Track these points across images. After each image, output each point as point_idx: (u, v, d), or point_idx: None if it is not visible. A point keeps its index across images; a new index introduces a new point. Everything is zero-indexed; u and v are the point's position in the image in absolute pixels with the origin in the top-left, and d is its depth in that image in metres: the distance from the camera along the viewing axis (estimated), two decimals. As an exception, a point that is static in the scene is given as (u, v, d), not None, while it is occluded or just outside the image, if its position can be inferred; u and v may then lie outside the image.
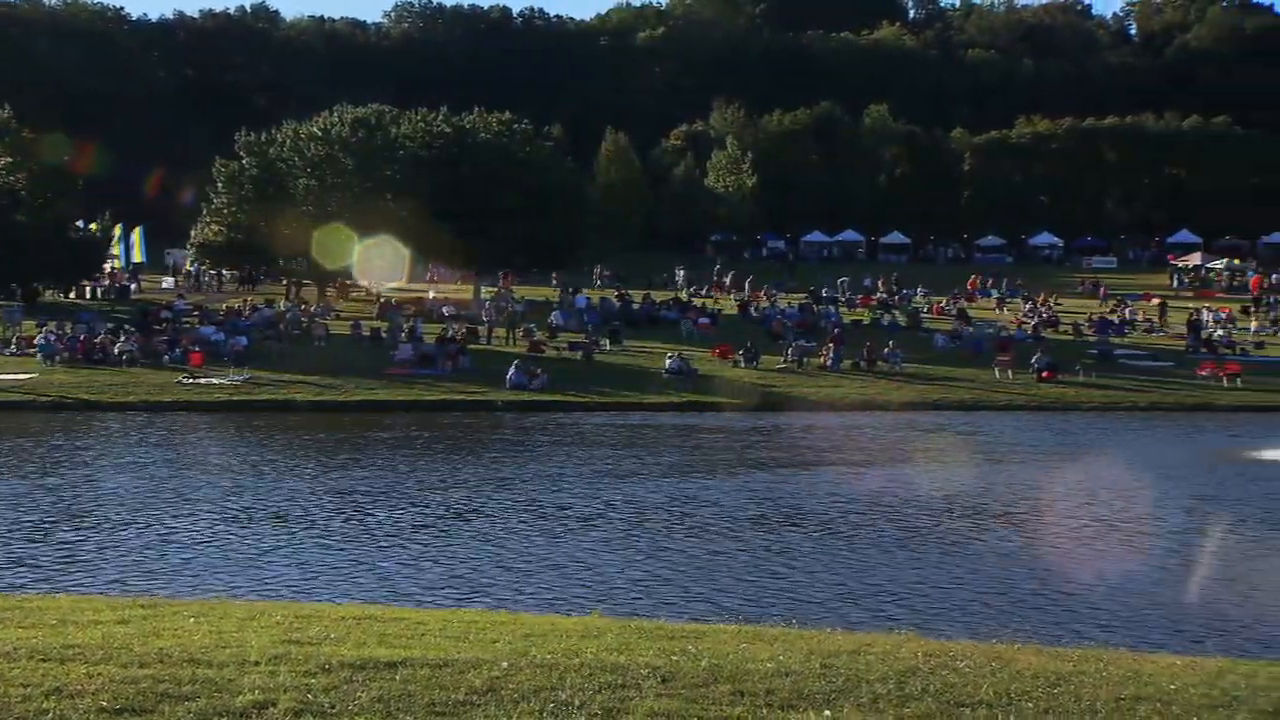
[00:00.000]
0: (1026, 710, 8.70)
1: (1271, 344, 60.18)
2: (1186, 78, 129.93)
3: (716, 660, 9.94)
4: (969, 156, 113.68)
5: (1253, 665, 11.28)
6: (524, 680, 9.07)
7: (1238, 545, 23.06)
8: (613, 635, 11.41)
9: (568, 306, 63.15)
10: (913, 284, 79.14)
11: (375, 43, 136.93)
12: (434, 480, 29.04)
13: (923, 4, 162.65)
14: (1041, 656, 11.07)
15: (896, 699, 8.90)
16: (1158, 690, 9.34)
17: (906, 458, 34.54)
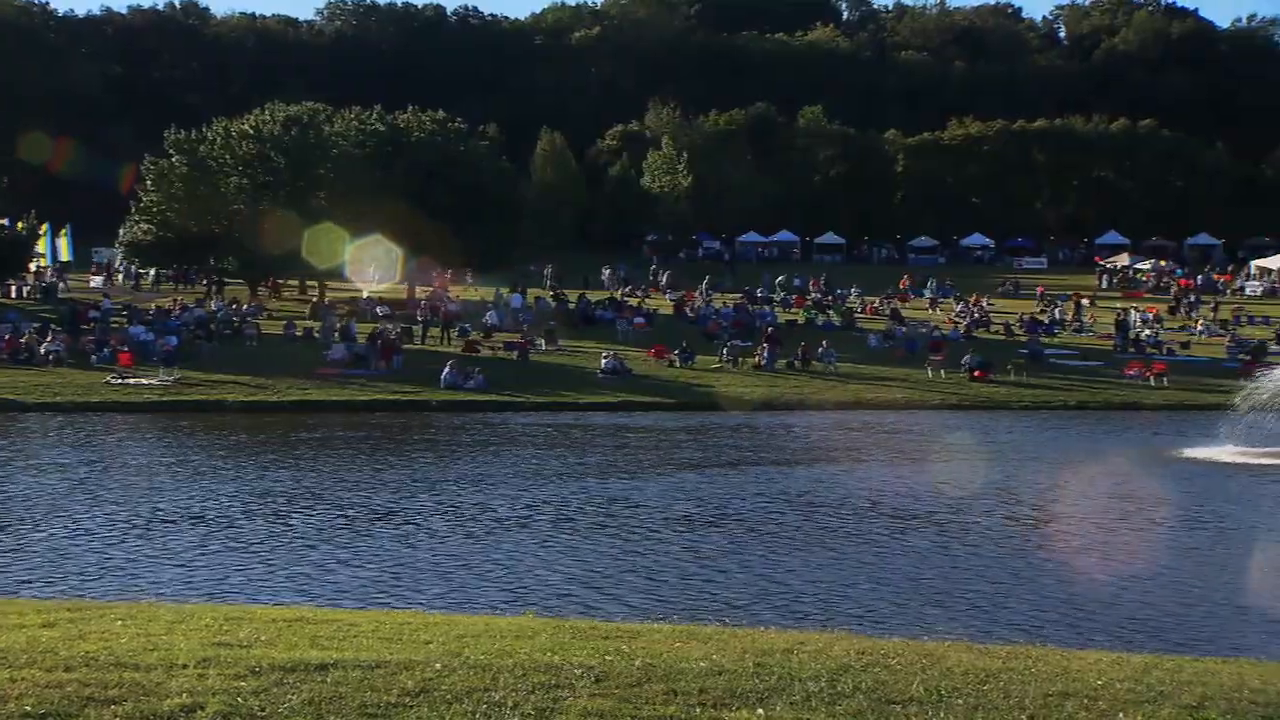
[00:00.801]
0: (957, 707, 8.76)
1: (1198, 344, 61.09)
2: (1114, 81, 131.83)
3: (650, 660, 9.93)
4: (902, 157, 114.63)
5: (1178, 661, 11.44)
6: (457, 681, 9.02)
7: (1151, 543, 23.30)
8: (546, 635, 11.37)
9: (503, 306, 62.97)
10: (846, 284, 79.64)
11: (308, 40, 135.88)
12: (359, 481, 28.72)
13: (856, 6, 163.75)
14: (972, 654, 11.16)
15: (829, 697, 8.93)
16: (1085, 686, 9.44)
17: (836, 457, 34.68)
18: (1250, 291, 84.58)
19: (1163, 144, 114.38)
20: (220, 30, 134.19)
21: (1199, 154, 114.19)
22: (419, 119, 71.02)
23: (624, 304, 66.67)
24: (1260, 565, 21.52)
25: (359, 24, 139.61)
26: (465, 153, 70.24)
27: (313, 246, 60.33)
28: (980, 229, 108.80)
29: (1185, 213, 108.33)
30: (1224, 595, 19.14)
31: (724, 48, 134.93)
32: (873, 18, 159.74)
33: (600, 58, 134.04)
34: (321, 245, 60.52)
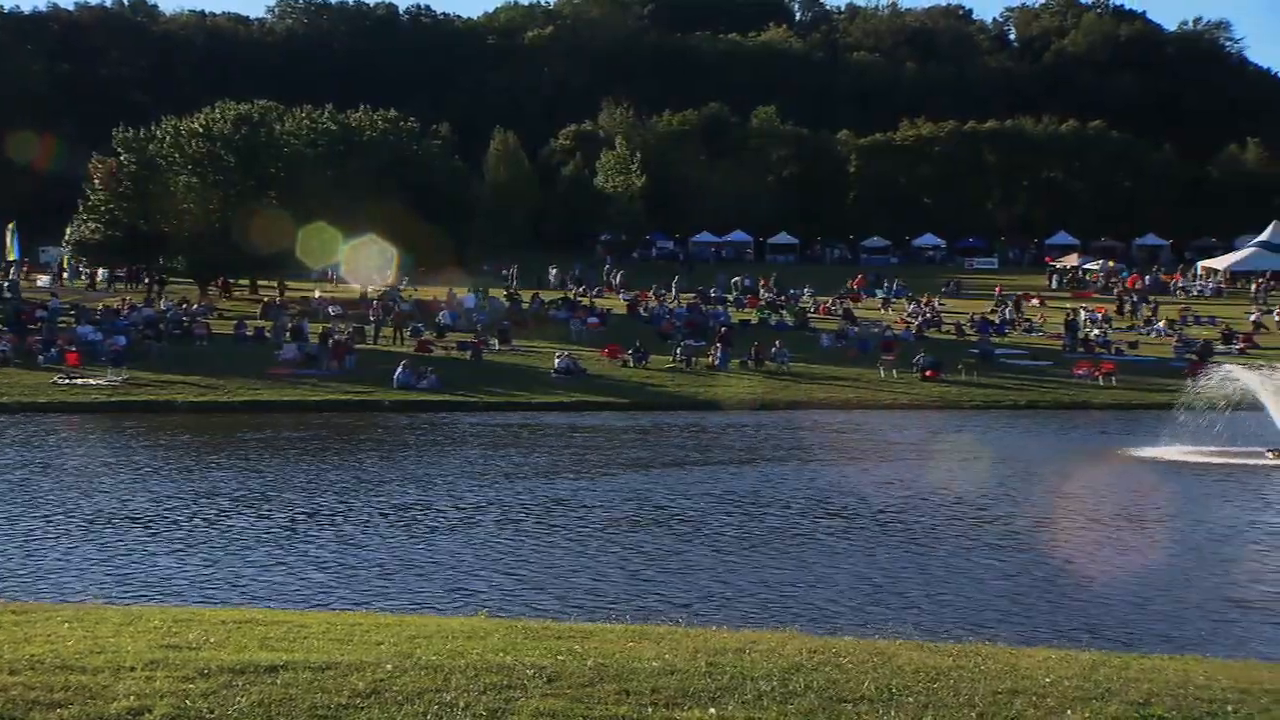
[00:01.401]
0: (907, 705, 8.82)
1: (1145, 344, 61.71)
2: (1064, 82, 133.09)
3: (602, 660, 9.94)
4: (854, 158, 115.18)
5: (1125, 658, 11.55)
6: (408, 682, 9.00)
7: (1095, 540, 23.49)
8: (499, 636, 11.36)
9: (456, 306, 62.78)
10: (798, 284, 80.00)
11: (258, 38, 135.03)
12: (305, 481, 28.43)
13: (808, 7, 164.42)
14: (922, 652, 11.24)
15: (780, 696, 8.97)
16: (1034, 684, 9.52)
17: (784, 456, 34.73)
18: (1196, 292, 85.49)
19: (1111, 145, 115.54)
20: (169, 27, 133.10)
21: (1147, 155, 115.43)
22: (371, 118, 70.73)
23: (578, 304, 66.64)
24: (1204, 562, 21.76)
25: (310, 22, 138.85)
26: (418, 152, 70.04)
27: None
28: (932, 229, 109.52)
29: (1133, 213, 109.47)
30: (1169, 592, 19.31)
31: (677, 48, 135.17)
32: (825, 19, 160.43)
33: (553, 57, 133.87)
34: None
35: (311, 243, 61.62)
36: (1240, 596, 18.86)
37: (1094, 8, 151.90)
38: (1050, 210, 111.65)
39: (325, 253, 63.40)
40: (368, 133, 68.94)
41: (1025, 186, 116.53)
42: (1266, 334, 64.93)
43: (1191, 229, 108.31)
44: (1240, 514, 26.70)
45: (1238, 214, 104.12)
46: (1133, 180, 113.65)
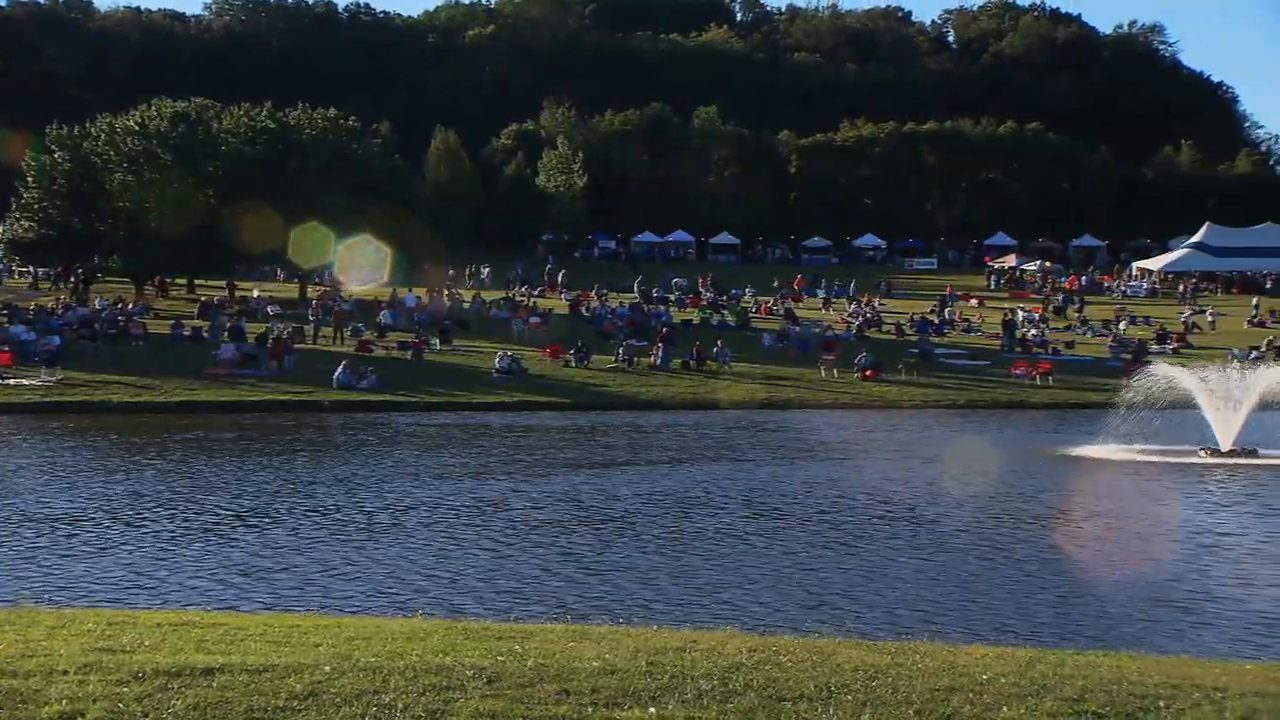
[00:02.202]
0: (846, 703, 8.86)
1: (1082, 343, 62.42)
2: (1002, 84, 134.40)
3: (543, 660, 9.91)
4: (795, 158, 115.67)
5: (1060, 654, 11.66)
6: (347, 684, 8.94)
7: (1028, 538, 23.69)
8: (439, 637, 11.31)
9: (397, 306, 62.46)
10: (740, 284, 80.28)
11: (195, 35, 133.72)
12: (235, 482, 28.07)
13: (749, 8, 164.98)
14: (861, 650, 11.29)
15: (720, 695, 8.98)
16: (971, 681, 9.59)
17: (720, 456, 34.74)
18: (1131, 292, 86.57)
19: (1049, 147, 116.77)
20: (104, 24, 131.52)
21: (1083, 157, 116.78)
22: (311, 117, 70.18)
23: (519, 304, 66.51)
24: (1136, 559, 22.00)
25: (248, 20, 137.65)
26: (358, 151, 69.53)
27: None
28: (873, 230, 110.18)
29: (1070, 214, 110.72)
30: (1102, 589, 19.51)
31: (619, 48, 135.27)
32: (766, 19, 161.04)
33: (494, 56, 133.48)
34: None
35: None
36: (1166, 595, 19.09)
37: (1031, 10, 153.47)
38: (989, 211, 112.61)
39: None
40: (307, 131, 68.40)
41: (964, 187, 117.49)
42: (1200, 334, 65.88)
43: (1127, 230, 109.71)
44: (1172, 512, 27.04)
45: (1172, 215, 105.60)
46: (1070, 182, 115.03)
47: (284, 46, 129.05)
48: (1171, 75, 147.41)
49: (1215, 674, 10.55)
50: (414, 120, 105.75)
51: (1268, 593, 19.07)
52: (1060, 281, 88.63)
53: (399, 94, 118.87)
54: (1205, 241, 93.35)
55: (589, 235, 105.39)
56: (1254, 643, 16.01)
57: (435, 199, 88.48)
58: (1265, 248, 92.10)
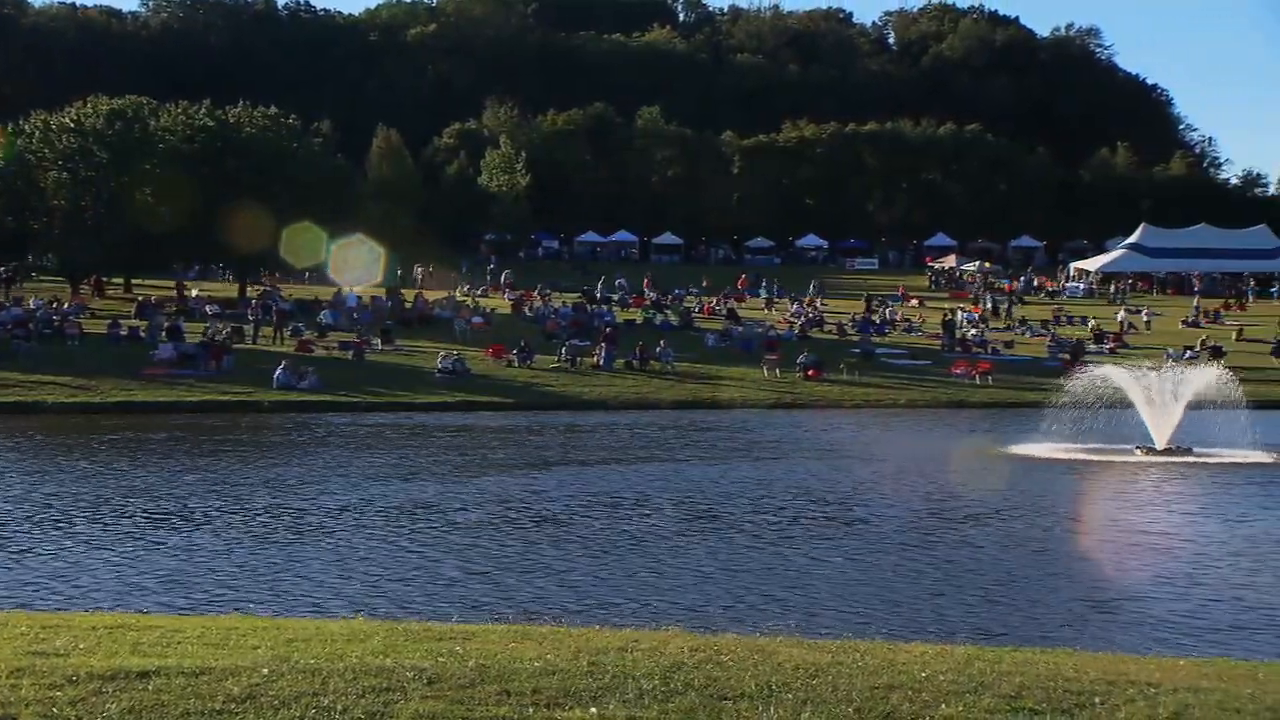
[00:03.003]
0: (786, 701, 8.88)
1: (1020, 343, 62.98)
2: (942, 86, 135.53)
3: (484, 661, 9.88)
4: (738, 159, 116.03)
5: (998, 652, 11.76)
6: (285, 686, 8.86)
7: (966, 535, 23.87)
8: (379, 638, 11.24)
9: (338, 306, 62.04)
10: (683, 284, 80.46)
11: (132, 32, 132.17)
12: (166, 483, 27.70)
13: (692, 8, 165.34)
14: (802, 649, 11.33)
15: (662, 694, 8.98)
16: (910, 678, 9.65)
17: (657, 456, 34.61)
18: (1070, 293, 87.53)
19: (987, 148, 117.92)
20: (39, 20, 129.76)
21: (1021, 158, 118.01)
22: (250, 115, 69.54)
23: (462, 303, 66.26)
24: (1072, 556, 22.26)
25: (186, 16, 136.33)
26: (299, 150, 68.98)
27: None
28: (814, 230, 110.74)
29: (1009, 215, 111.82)
30: (1040, 586, 19.70)
31: (562, 47, 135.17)
32: (708, 20, 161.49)
33: (437, 55, 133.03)
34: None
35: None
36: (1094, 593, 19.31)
37: (970, 13, 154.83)
38: (929, 212, 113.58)
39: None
40: (246, 130, 67.77)
41: (905, 188, 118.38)
42: (1136, 334, 66.69)
43: (1064, 231, 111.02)
44: (1104, 510, 27.38)
45: (1108, 217, 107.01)
46: (1008, 183, 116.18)
47: (223, 44, 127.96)
48: (1108, 78, 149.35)
49: (1149, 670, 10.69)
50: (355, 119, 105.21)
51: (1194, 591, 19.36)
52: (1000, 282, 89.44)
53: (340, 92, 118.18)
54: (1141, 243, 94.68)
55: (532, 235, 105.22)
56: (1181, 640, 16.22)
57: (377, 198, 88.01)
58: (1199, 249, 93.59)
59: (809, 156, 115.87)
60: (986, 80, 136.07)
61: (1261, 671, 11.21)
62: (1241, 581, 19.92)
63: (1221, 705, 9.17)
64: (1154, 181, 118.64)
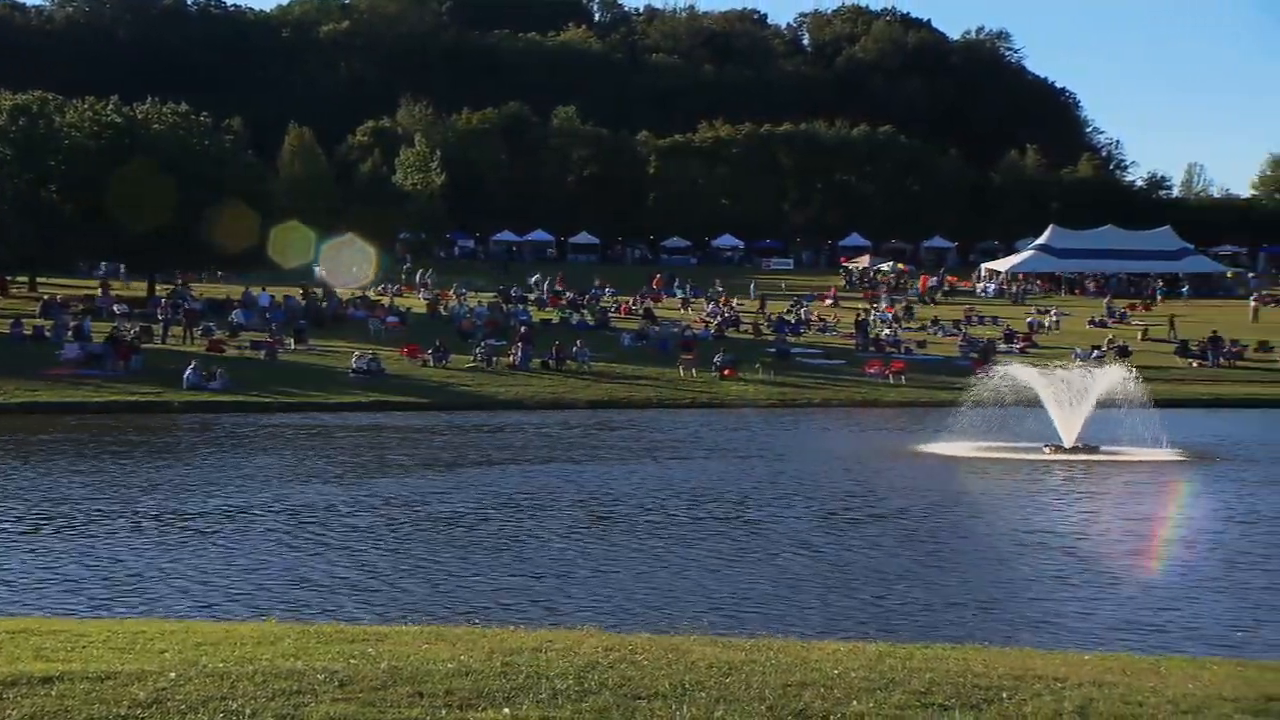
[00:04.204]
0: (700, 700, 8.91)
1: (933, 342, 63.70)
2: (855, 87, 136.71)
3: (396, 662, 9.81)
4: (654, 159, 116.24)
5: (910, 649, 11.87)
6: (193, 690, 8.74)
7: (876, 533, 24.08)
8: (290, 641, 11.11)
9: (250, 305, 61.29)
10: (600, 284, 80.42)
11: (36, 27, 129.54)
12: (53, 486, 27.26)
13: (607, 8, 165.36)
14: (716, 647, 11.37)
15: (575, 694, 8.98)
16: (823, 676, 9.72)
17: (572, 456, 34.57)
18: (980, 293, 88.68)
19: (901, 150, 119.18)
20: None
21: (934, 160, 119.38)
22: (159, 111, 68.46)
23: (376, 303, 65.77)
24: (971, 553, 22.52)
25: (92, 11, 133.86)
26: (209, 147, 68.02)
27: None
28: (730, 230, 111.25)
29: (921, 216, 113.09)
30: (946, 583, 19.89)
31: (476, 46, 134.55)
32: (624, 20, 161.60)
33: (350, 52, 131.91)
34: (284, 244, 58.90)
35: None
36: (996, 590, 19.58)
37: (883, 15, 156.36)
38: (843, 212, 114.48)
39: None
40: (155, 126, 66.70)
41: (819, 189, 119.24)
42: (1045, 333, 67.72)
43: (976, 232, 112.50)
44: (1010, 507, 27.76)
45: (1018, 218, 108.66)
46: (921, 184, 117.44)
47: (131, 39, 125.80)
48: (1017, 81, 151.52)
49: (1056, 665, 10.85)
50: (267, 116, 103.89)
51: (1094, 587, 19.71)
52: (912, 282, 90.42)
53: (252, 89, 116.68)
54: (1050, 244, 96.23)
55: (447, 234, 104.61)
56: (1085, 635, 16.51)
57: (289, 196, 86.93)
58: (1106, 250, 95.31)
59: (724, 157, 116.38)
60: (899, 82, 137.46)
61: (1163, 665, 11.44)
62: (1143, 577, 20.31)
63: (1125, 699, 9.34)
64: (1062, 183, 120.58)
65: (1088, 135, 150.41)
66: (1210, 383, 54.94)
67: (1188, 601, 18.75)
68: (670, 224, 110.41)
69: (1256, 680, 10.47)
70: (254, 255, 66.18)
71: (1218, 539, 23.62)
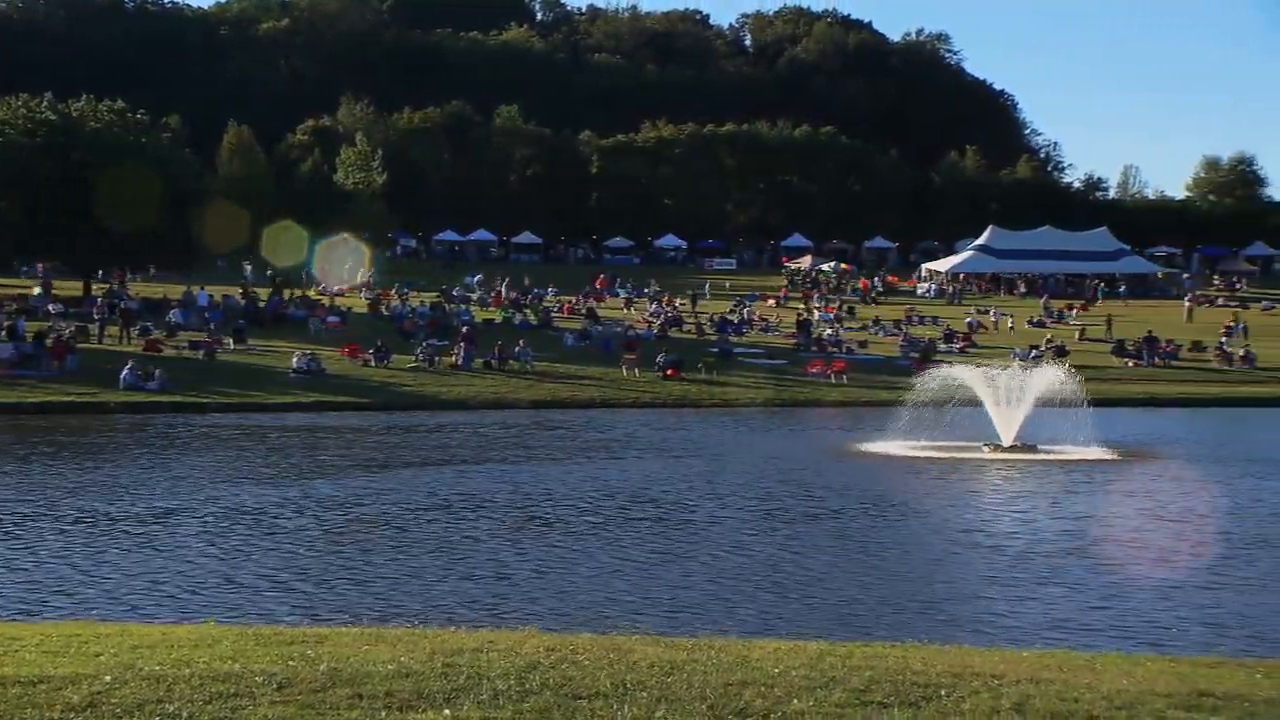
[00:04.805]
0: (641, 700, 8.92)
1: (875, 342, 64.10)
2: (797, 88, 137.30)
3: (336, 664, 9.75)
4: (597, 158, 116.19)
5: (849, 647, 11.94)
6: (129, 694, 8.65)
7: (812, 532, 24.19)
8: (228, 643, 11.03)
9: (188, 305, 60.65)
10: (543, 284, 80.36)
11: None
12: None
13: (550, 8, 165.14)
14: (658, 647, 11.38)
15: (516, 694, 8.96)
16: (763, 675, 9.76)
17: (511, 456, 34.45)
18: (923, 292, 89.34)
19: (842, 150, 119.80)
20: None
21: (875, 161, 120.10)
22: (95, 108, 67.58)
23: (317, 302, 65.30)
24: (917, 553, 22.68)
25: (25, 6, 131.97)
26: (146, 144, 67.22)
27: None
28: (673, 230, 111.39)
29: (863, 217, 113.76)
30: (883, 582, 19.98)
31: (418, 44, 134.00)
32: (566, 20, 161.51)
33: (290, 50, 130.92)
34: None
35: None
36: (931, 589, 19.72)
37: (824, 16, 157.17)
38: (785, 212, 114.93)
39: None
40: (91, 124, 65.84)
41: (761, 189, 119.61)
42: (985, 333, 68.32)
43: (917, 232, 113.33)
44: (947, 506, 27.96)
45: (958, 218, 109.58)
46: (862, 185, 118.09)
47: (66, 36, 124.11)
48: (956, 82, 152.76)
49: (993, 662, 10.96)
50: (206, 113, 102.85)
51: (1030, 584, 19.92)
52: (853, 282, 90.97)
53: (189, 87, 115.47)
54: (989, 244, 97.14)
55: (390, 234, 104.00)
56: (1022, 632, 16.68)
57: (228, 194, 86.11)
58: (1044, 250, 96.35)
59: (667, 157, 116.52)
60: (840, 83, 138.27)
61: (1099, 662, 11.58)
62: (1079, 575, 20.53)
63: (1061, 695, 9.44)
64: (1001, 184, 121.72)
65: (1026, 137, 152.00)
66: (1146, 382, 55.67)
67: (1120, 599, 18.96)
68: (613, 224, 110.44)
69: (1189, 676, 10.63)
70: (193, 254, 65.54)
71: (1150, 537, 23.89)
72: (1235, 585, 19.95)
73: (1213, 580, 20.23)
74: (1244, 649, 14.75)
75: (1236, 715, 9.12)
